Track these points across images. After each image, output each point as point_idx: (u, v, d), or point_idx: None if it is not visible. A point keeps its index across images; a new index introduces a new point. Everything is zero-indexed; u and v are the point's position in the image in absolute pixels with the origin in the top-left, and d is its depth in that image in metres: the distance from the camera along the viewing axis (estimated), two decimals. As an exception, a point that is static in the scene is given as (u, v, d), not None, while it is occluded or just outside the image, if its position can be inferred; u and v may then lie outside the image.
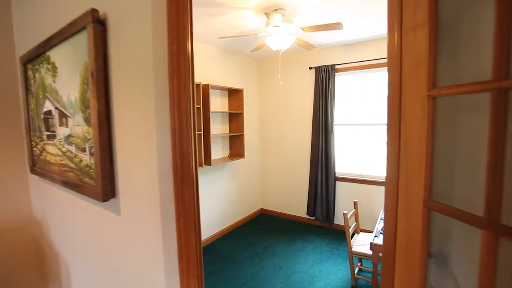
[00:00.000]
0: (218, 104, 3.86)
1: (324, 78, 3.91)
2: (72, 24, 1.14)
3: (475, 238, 0.84)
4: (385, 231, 1.06)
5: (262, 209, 4.92)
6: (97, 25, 1.02)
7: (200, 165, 3.24)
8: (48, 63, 1.43)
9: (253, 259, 3.32)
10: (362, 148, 4.02)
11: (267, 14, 2.07)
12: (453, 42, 1.00)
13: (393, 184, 1.05)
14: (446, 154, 1.02)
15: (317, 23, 2.69)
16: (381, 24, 3.01)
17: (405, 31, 0.99)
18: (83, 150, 1.19)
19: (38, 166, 1.74)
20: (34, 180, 1.94)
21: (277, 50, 2.63)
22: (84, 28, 1.07)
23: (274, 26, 2.36)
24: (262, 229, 4.20)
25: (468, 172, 0.97)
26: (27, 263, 2.08)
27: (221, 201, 3.99)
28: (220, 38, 2.62)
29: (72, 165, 1.30)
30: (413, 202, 0.96)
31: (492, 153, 0.72)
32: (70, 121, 1.30)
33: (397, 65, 1.03)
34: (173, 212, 0.91)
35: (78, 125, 1.21)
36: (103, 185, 1.04)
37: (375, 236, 2.52)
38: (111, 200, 1.12)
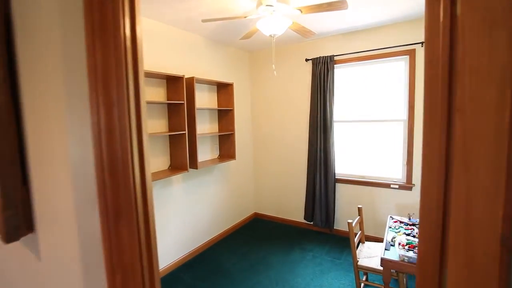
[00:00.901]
0: (205, 100, 3.48)
1: (322, 70, 3.56)
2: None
3: None
4: (421, 266, 0.73)
5: (256, 214, 4.56)
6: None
7: (185, 169, 2.86)
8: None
9: (246, 273, 2.96)
10: (365, 147, 3.69)
11: (258, -12, 1.71)
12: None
13: (435, 208, 0.71)
14: None
15: (317, 3, 2.33)
16: (392, 6, 2.67)
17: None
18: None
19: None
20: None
21: (271, 35, 2.26)
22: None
23: (267, 5, 1.99)
24: (256, 236, 3.85)
25: None
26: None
27: (210, 207, 3.62)
28: (203, 21, 2.24)
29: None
30: (479, 239, 0.61)
31: None
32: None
33: (445, 30, 0.68)
34: (101, 265, 0.55)
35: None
36: (5, 218, 0.67)
37: (385, 249, 2.19)
38: (28, 237, 0.75)
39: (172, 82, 2.83)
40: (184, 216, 3.22)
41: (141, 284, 0.56)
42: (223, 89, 3.59)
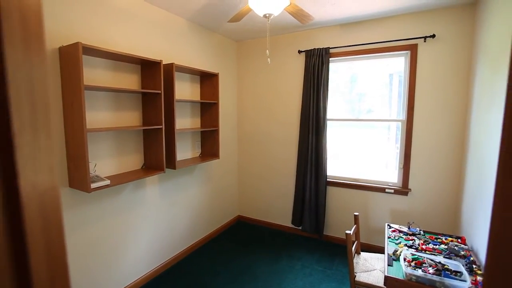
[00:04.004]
0: (187, 91, 3.10)
1: (316, 63, 3.27)
2: None
3: None
4: None
5: (240, 217, 4.24)
6: None
7: (161, 169, 2.48)
8: None
9: (229, 286, 2.64)
10: (359, 147, 3.46)
11: None
12: None
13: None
14: None
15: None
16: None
17: None
18: None
19: None
20: None
21: (265, 15, 1.93)
22: None
23: (263, -24, 1.65)
24: (240, 242, 3.53)
25: None
26: None
27: (190, 211, 3.25)
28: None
29: None
30: None
31: None
32: None
33: None
34: None
35: None
36: None
37: (388, 265, 1.94)
38: None
39: (148, 68, 2.44)
40: (159, 222, 2.84)
41: None
42: (207, 79, 3.21)
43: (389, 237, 2.34)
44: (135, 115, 2.49)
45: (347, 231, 2.13)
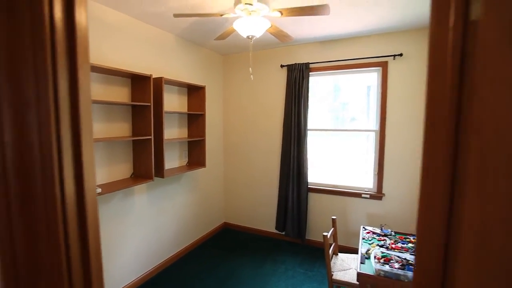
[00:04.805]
0: (175, 103, 3.24)
1: (297, 77, 3.51)
2: None
3: None
4: None
5: (226, 223, 4.36)
6: None
7: (150, 177, 2.60)
8: None
9: (215, 290, 2.75)
10: (337, 156, 3.69)
11: (237, -17, 1.57)
12: None
13: (436, 233, 0.62)
14: None
15: (299, 6, 2.25)
16: (370, 17, 2.67)
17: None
18: None
19: None
20: None
21: (248, 37, 2.13)
22: None
23: (246, 4, 1.86)
24: (226, 248, 3.64)
25: None
26: None
27: (177, 218, 3.36)
28: (175, 15, 2.05)
29: None
30: (496, 278, 0.52)
31: None
32: None
33: (455, 37, 0.59)
34: None
35: None
36: None
37: (361, 263, 2.13)
38: None
39: (138, 81, 2.58)
40: (147, 229, 2.93)
41: None
42: (194, 92, 3.38)
43: (363, 238, 2.54)
44: (125, 126, 2.61)
45: (324, 233, 2.32)
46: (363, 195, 3.37)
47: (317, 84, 3.65)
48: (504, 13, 0.48)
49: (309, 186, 3.63)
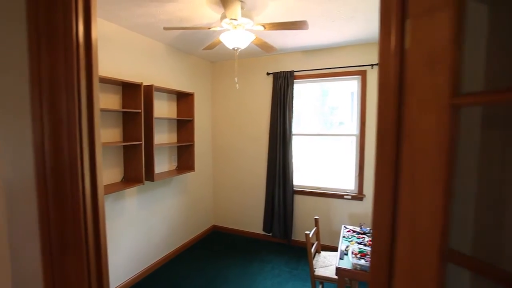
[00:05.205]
0: (165, 109, 3.36)
1: (283, 85, 3.69)
2: None
3: None
4: (374, 272, 0.79)
5: (214, 226, 4.46)
6: None
7: (141, 181, 2.70)
8: None
9: (203, 290, 2.85)
10: (321, 159, 3.87)
11: (224, 2, 1.72)
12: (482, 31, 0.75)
13: (385, 214, 0.77)
14: (473, 187, 0.77)
15: (280, 21, 2.43)
16: (347, 29, 2.88)
17: (414, 16, 0.70)
18: None
19: None
20: None
21: (234, 49, 2.28)
22: None
23: (231, 19, 2.01)
24: (214, 250, 3.75)
25: (504, 214, 0.73)
26: None
27: (167, 221, 3.45)
28: (165, 28, 2.18)
29: None
30: (421, 244, 0.68)
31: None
32: None
33: (396, 62, 0.75)
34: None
35: None
36: None
37: (340, 259, 2.29)
38: None
39: (129, 89, 2.69)
40: (137, 232, 3.01)
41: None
42: (183, 98, 3.50)
43: (344, 237, 2.70)
44: (116, 132, 2.71)
45: (306, 232, 2.47)
46: (345, 196, 3.55)
47: (305, 89, 3.84)
48: (423, 45, 0.66)
49: (294, 189, 3.79)
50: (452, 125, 0.62)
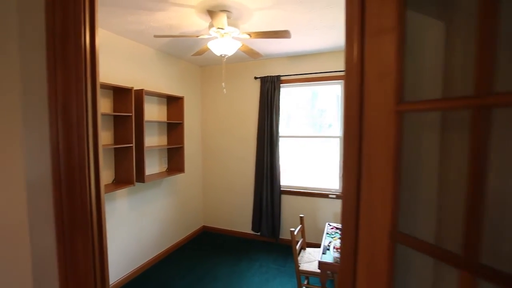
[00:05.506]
0: (155, 112, 3.45)
1: (270, 88, 3.83)
2: None
3: (446, 276, 0.75)
4: (343, 255, 0.92)
5: (204, 227, 4.55)
6: None
7: (131, 182, 2.78)
8: None
9: (194, 286, 2.95)
10: (307, 160, 4.02)
11: (211, 13, 1.85)
12: (420, 51, 0.90)
13: (351, 206, 0.90)
14: (415, 179, 0.91)
15: (264, 30, 2.56)
16: (329, 36, 3.04)
17: (369, 35, 0.85)
18: None
19: None
20: None
21: (221, 55, 2.41)
22: None
23: (218, 28, 2.14)
24: (204, 249, 3.84)
25: (441, 201, 0.87)
26: None
27: (157, 222, 3.53)
28: (155, 36, 2.29)
29: None
30: (377, 229, 0.82)
31: (473, 182, 0.61)
32: None
33: (357, 74, 0.89)
34: (55, 277, 0.59)
35: None
36: None
37: (322, 253, 2.43)
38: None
39: (120, 93, 2.77)
40: (128, 233, 3.08)
41: (93, 292, 0.61)
42: (173, 102, 3.60)
43: (327, 233, 2.85)
44: (107, 135, 2.78)
45: (291, 229, 2.60)
46: (330, 196, 3.71)
47: (295, 92, 3.99)
48: (375, 59, 0.80)
49: (282, 189, 3.93)
50: (398, 127, 0.76)
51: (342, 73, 3.56)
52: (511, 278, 0.51)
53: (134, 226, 3.17)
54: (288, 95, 4.02)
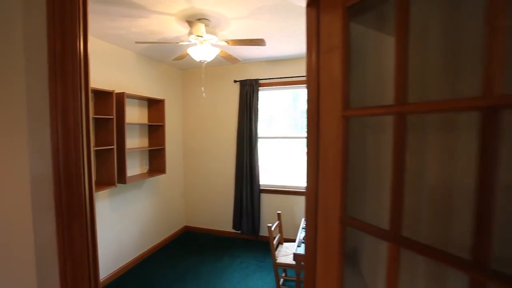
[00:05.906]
0: (136, 115, 3.51)
1: (249, 91, 3.98)
2: None
3: (380, 246, 0.93)
4: (306, 241, 1.07)
5: (186, 227, 4.63)
6: None
7: (113, 184, 2.84)
8: None
9: (175, 284, 3.04)
10: (284, 160, 4.21)
11: (189, 23, 1.97)
12: (362, 67, 1.08)
13: (312, 198, 1.06)
14: (358, 171, 1.09)
15: (241, 38, 2.72)
16: (303, 43, 3.24)
17: (322, 52, 1.02)
18: None
19: None
20: None
21: (201, 61, 2.53)
22: None
23: (197, 36, 2.27)
24: (186, 249, 3.93)
25: (376, 188, 1.06)
26: None
27: (139, 222, 3.58)
28: (136, 43, 2.38)
29: None
30: (330, 216, 0.99)
31: (396, 172, 0.78)
32: None
33: (315, 83, 1.07)
34: (55, 259, 0.70)
35: None
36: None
37: (297, 246, 2.61)
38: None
39: (101, 96, 2.83)
40: (109, 233, 3.13)
41: (87, 269, 0.73)
42: (154, 105, 3.67)
43: (303, 228, 3.03)
44: (88, 137, 2.83)
45: (269, 225, 2.76)
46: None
47: (277, 94, 4.16)
48: (327, 71, 0.96)
49: (261, 188, 4.09)
50: (345, 129, 0.93)
51: (317, 78, 3.79)
52: (431, 249, 0.68)
53: (116, 227, 3.22)
54: (269, 98, 4.19)
